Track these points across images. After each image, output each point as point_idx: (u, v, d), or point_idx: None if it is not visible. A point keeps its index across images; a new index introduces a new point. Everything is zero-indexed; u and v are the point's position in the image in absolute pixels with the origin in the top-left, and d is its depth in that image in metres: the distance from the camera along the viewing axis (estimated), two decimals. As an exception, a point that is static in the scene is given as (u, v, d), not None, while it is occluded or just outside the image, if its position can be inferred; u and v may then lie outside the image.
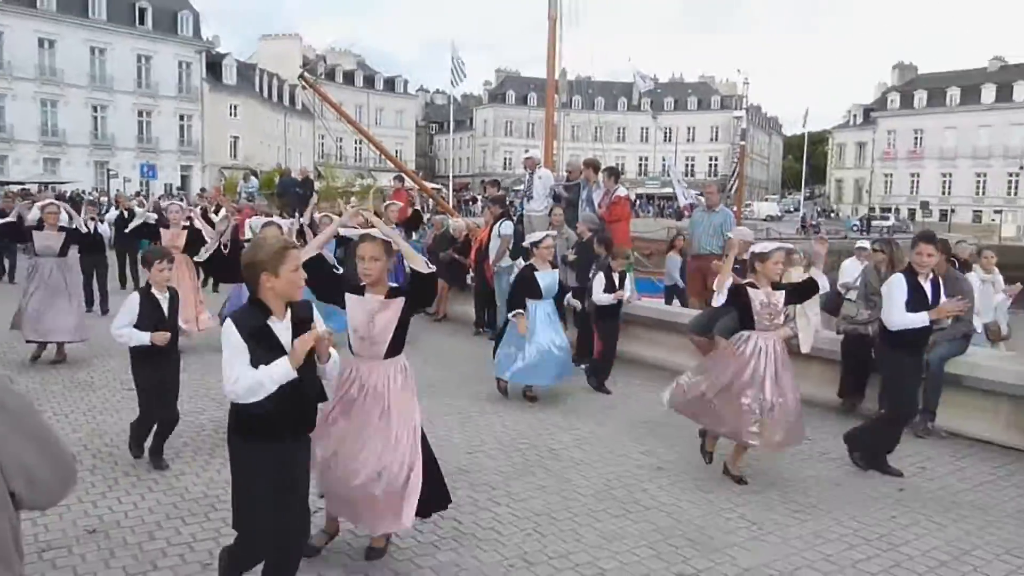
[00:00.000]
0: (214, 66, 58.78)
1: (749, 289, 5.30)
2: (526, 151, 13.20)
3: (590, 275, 8.31)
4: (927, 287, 5.55)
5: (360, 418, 3.79)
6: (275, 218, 7.48)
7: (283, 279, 3.05)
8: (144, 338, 5.14)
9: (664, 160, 76.22)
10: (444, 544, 4.28)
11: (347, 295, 3.89)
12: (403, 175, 16.61)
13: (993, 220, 60.75)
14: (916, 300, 5.45)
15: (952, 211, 64.75)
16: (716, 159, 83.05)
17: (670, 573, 4.01)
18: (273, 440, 3.12)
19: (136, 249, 15.43)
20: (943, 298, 5.61)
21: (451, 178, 31.46)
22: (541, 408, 7.25)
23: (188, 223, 9.53)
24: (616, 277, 7.93)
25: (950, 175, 68.81)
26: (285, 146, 66.77)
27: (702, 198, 12.44)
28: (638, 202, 57.38)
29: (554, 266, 7.73)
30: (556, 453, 5.93)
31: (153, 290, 5.28)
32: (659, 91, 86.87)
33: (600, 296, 7.87)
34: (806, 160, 72.19)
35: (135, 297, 5.26)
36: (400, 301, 3.83)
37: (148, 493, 4.90)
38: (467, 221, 13.67)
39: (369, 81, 80.00)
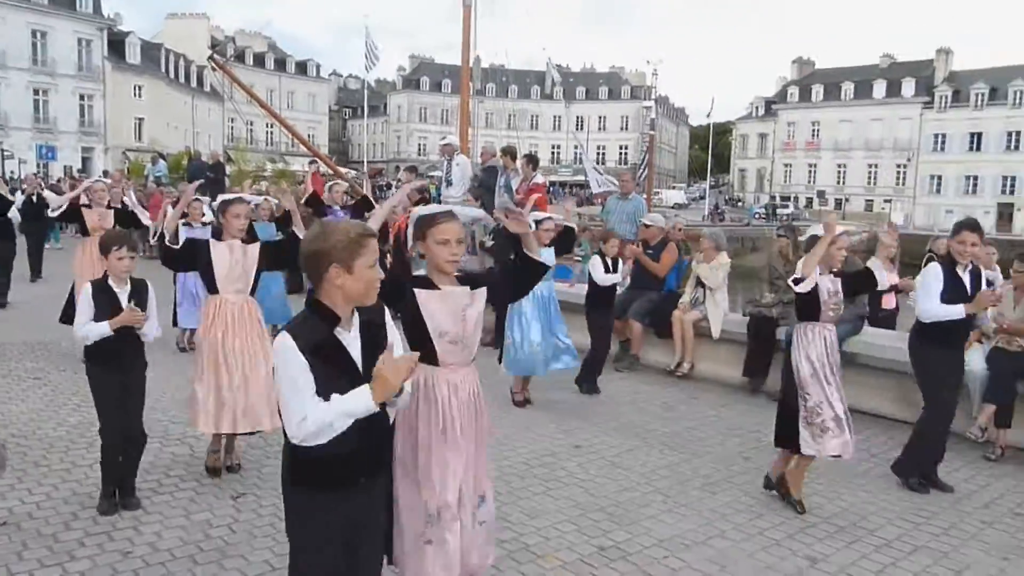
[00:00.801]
0: (117, 44, 56.17)
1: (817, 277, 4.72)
2: (443, 138, 13.22)
3: (577, 259, 8.10)
4: (966, 278, 5.12)
5: (467, 445, 3.08)
6: (243, 194, 6.79)
7: (358, 276, 2.34)
8: (102, 329, 4.27)
9: (576, 148, 77.13)
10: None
11: (418, 291, 3.03)
12: (317, 160, 16.36)
13: (883, 209, 64.14)
14: (953, 291, 5.05)
15: (846, 200, 68.01)
16: (626, 148, 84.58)
17: (591, 546, 4.17)
18: (346, 487, 2.45)
19: (44, 237, 14.68)
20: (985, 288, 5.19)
21: (365, 163, 31.09)
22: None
23: (121, 204, 8.80)
24: (610, 262, 7.67)
25: (845, 166, 72.09)
26: (193, 129, 64.50)
27: (614, 186, 12.70)
28: (551, 189, 57.98)
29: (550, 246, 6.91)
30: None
31: (109, 282, 4.43)
32: (571, 81, 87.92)
33: (603, 277, 7.56)
34: (711, 150, 74.38)
35: (87, 290, 4.42)
36: (483, 292, 3.16)
37: (61, 484, 4.76)
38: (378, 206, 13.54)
39: (280, 64, 78.05)
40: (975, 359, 6.15)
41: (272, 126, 47.61)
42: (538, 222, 6.39)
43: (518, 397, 7.05)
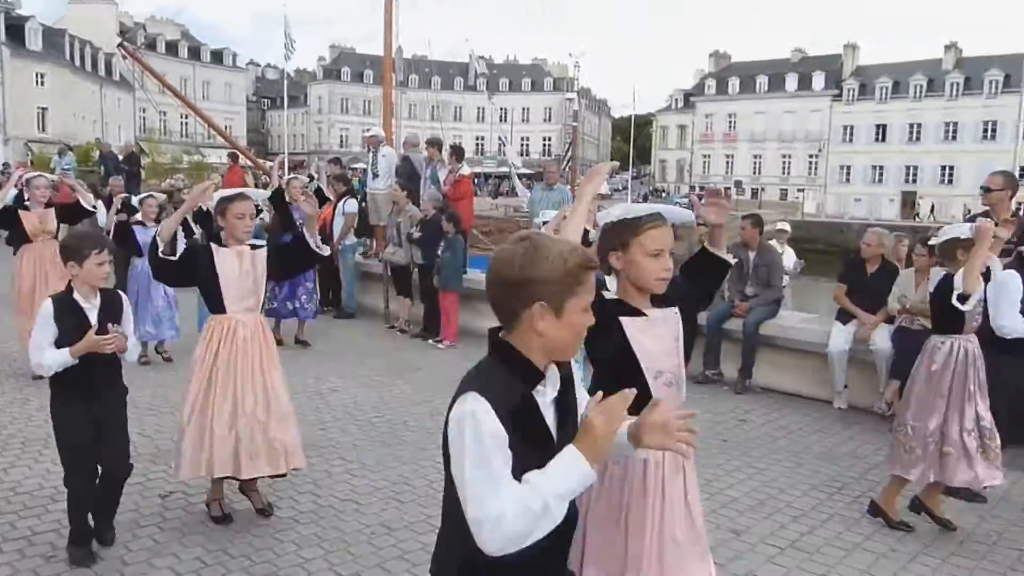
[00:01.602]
0: (15, 30, 53.35)
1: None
2: (367, 129, 13.11)
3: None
4: None
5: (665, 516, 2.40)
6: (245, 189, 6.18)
7: (567, 321, 1.73)
8: (63, 358, 3.50)
9: (500, 140, 77.39)
10: (304, 517, 4.33)
11: (624, 320, 2.40)
12: (236, 152, 16.00)
13: (796, 198, 66.46)
14: None
15: (762, 189, 70.18)
16: (550, 139, 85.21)
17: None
18: None
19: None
20: None
21: (286, 155, 30.36)
22: (392, 383, 7.35)
23: (68, 201, 7.76)
24: None
25: (760, 156, 74.34)
26: (102, 119, 61.95)
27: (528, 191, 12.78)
28: (475, 181, 57.95)
29: None
30: (410, 425, 6.07)
31: (76, 295, 3.62)
32: (495, 72, 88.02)
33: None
34: (633, 141, 75.63)
35: (47, 307, 3.60)
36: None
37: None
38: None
39: (194, 53, 75.66)
40: (881, 338, 6.49)
41: (187, 117, 46.13)
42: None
43: None
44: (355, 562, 3.84)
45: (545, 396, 1.75)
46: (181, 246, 4.03)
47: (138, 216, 7.86)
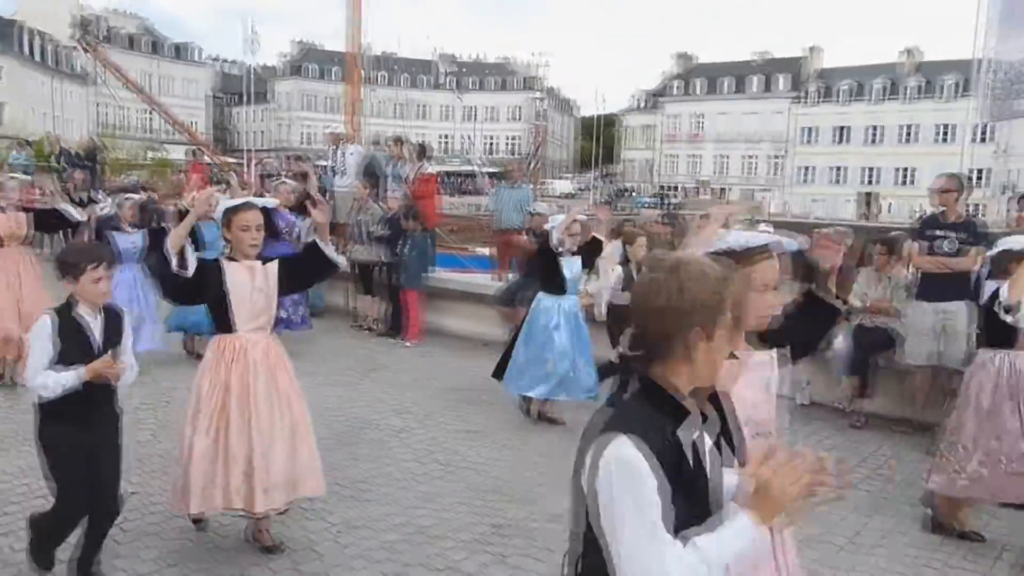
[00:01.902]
0: (-34, 22, 52.06)
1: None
2: (327, 127, 13.03)
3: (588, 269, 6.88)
4: None
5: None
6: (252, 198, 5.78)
7: (718, 344, 1.60)
8: (70, 379, 3.18)
9: (465, 139, 77.34)
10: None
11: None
12: (199, 148, 15.79)
13: (761, 198, 67.36)
14: None
15: (727, 190, 70.96)
16: (517, 138, 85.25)
17: (485, 524, 4.29)
18: None
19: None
20: None
21: (248, 152, 30.00)
22: (357, 382, 7.32)
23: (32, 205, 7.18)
24: (633, 268, 6.52)
25: (725, 157, 75.16)
26: (55, 113, 60.59)
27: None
28: (442, 179, 57.82)
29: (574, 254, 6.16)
30: (375, 424, 6.06)
31: (79, 310, 3.31)
32: (462, 71, 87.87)
33: (622, 297, 6.30)
34: (599, 141, 76.00)
35: (46, 323, 3.26)
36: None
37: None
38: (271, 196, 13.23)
39: (156, 47, 74.38)
40: (839, 336, 6.62)
41: (149, 112, 45.24)
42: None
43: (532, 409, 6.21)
44: (320, 561, 3.83)
45: (695, 434, 1.58)
46: (192, 259, 3.63)
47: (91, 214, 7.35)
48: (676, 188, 71.02)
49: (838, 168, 68.27)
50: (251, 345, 3.72)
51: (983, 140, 52.23)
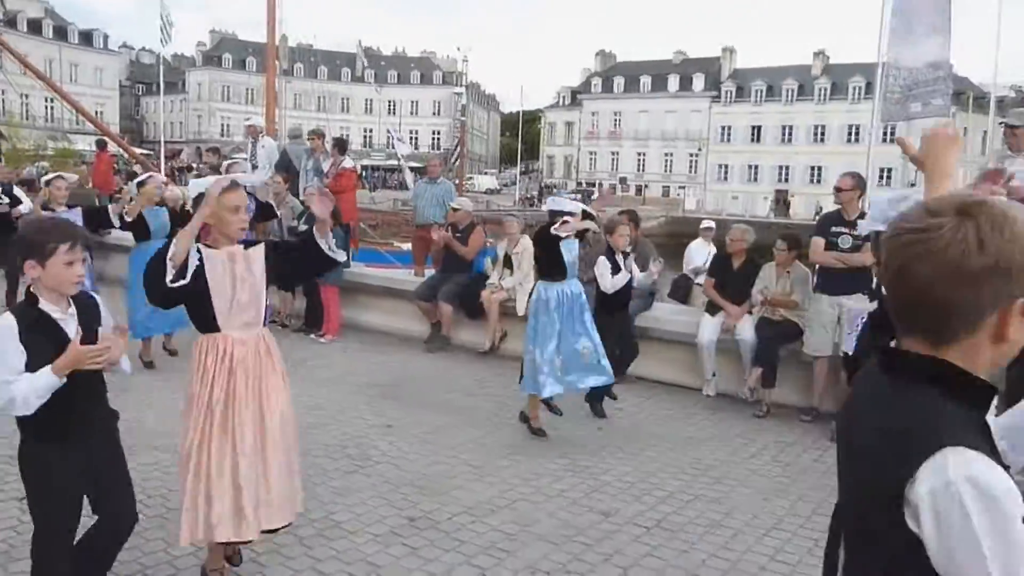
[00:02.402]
0: None
1: None
2: (247, 119, 12.77)
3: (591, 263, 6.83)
4: None
5: None
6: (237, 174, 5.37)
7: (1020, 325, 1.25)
8: (47, 381, 2.64)
9: (389, 132, 76.65)
10: (173, 515, 4.22)
11: None
12: (106, 139, 15.24)
13: (678, 195, 69.00)
14: None
15: (646, 186, 72.38)
16: (439, 133, 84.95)
17: (401, 517, 4.32)
18: None
19: None
20: None
21: (162, 144, 28.95)
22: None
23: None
24: (620, 258, 6.58)
25: (644, 154, 76.60)
26: (-50, 101, 57.43)
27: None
28: (363, 174, 57.30)
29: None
30: (288, 420, 5.99)
31: (43, 304, 2.76)
32: (383, 64, 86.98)
33: (612, 281, 6.46)
34: (521, 137, 76.41)
35: (6, 323, 2.70)
36: None
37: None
38: (182, 190, 12.91)
39: (60, 33, 71.09)
40: (745, 328, 6.88)
41: (53, 101, 43.26)
42: (562, 213, 5.75)
43: (534, 424, 5.93)
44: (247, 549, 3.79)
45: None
46: (193, 264, 3.17)
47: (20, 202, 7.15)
48: (595, 184, 72.02)
49: (753, 166, 70.43)
50: (238, 346, 3.27)
51: (890, 140, 54.68)
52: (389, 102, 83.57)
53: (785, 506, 4.71)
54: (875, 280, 6.49)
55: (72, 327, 2.79)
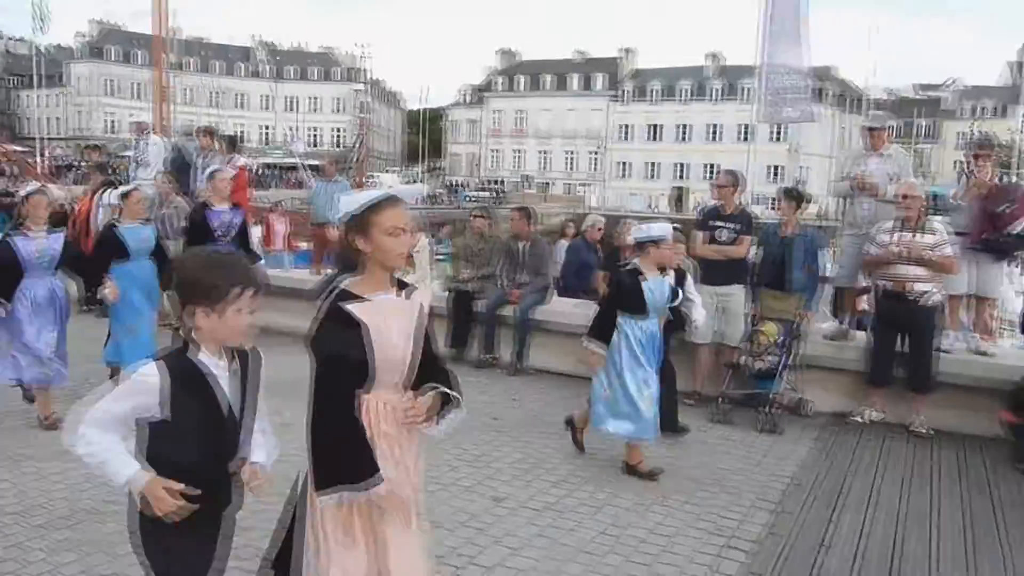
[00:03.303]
0: None
1: None
2: (131, 115, 12.37)
3: None
4: None
5: None
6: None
7: None
8: (117, 476, 2.26)
9: (288, 130, 75.05)
10: (59, 523, 4.13)
11: None
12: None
13: (581, 192, 70.22)
14: None
15: (551, 184, 73.41)
16: (341, 130, 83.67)
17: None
18: None
19: None
20: None
21: (40, 140, 27.52)
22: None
23: None
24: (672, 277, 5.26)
25: (548, 152, 77.63)
26: None
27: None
28: (262, 172, 55.93)
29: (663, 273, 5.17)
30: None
31: (202, 355, 2.38)
32: (280, 59, 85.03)
33: (699, 313, 5.66)
34: (425, 135, 76.15)
35: (152, 375, 2.26)
36: None
37: None
38: (66, 190, 12.40)
39: (-81, 20, 66.45)
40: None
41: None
42: (652, 241, 5.01)
43: (642, 469, 5.16)
44: (111, 564, 3.75)
45: None
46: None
47: None
48: (499, 182, 72.60)
49: (652, 164, 72.40)
50: (388, 413, 2.60)
51: (778, 139, 57.30)
52: (288, 98, 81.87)
53: (670, 484, 4.98)
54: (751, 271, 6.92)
55: (231, 386, 2.38)
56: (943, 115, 74.01)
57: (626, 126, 73.97)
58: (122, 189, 6.64)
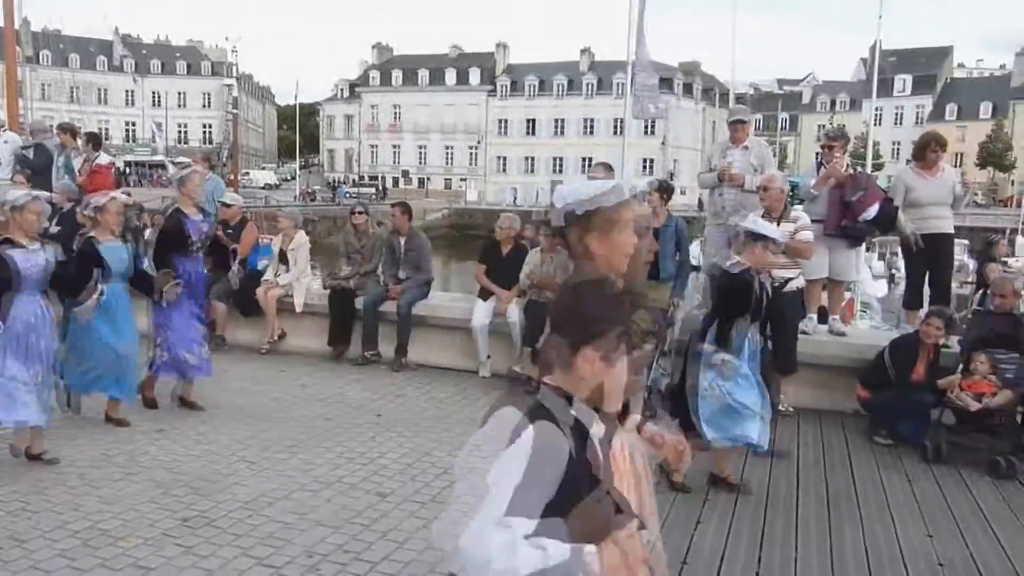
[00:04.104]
0: None
1: None
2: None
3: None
4: None
5: None
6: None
7: None
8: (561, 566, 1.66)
9: (154, 127, 71.48)
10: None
11: None
12: None
13: (459, 187, 70.46)
14: None
15: (428, 179, 73.24)
16: (210, 126, 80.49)
17: (174, 519, 4.25)
18: None
19: None
20: None
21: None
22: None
23: None
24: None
25: (425, 147, 77.33)
26: None
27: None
28: (128, 170, 53.28)
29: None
30: (46, 433, 5.61)
31: (582, 414, 1.87)
32: (144, 53, 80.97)
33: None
34: (300, 131, 74.26)
35: (555, 443, 1.75)
36: None
37: None
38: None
39: None
40: (514, 311, 7.34)
41: None
42: (763, 238, 4.67)
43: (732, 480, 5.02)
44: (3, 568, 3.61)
45: None
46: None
47: None
48: (377, 177, 71.84)
49: (529, 158, 73.35)
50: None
51: (650, 133, 59.26)
52: (153, 93, 78.14)
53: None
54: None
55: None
56: (803, 109, 78.46)
57: (504, 121, 74.59)
58: (95, 202, 5.88)
